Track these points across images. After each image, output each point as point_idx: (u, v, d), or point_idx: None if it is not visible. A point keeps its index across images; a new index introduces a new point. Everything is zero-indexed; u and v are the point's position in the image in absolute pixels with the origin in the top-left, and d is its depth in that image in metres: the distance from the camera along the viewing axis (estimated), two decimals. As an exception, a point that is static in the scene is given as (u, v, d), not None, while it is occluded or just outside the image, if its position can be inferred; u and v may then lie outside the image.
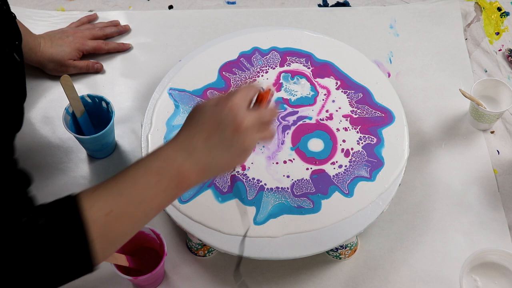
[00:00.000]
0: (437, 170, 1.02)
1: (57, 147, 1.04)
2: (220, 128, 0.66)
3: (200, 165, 0.66)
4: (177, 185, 0.65)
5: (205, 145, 0.66)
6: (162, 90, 0.99)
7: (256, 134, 0.68)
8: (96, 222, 0.60)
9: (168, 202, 0.66)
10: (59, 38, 1.09)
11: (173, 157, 0.65)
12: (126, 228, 0.64)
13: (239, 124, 0.66)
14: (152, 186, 0.64)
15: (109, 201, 0.62)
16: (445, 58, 1.15)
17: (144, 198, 0.63)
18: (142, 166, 0.65)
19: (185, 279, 0.92)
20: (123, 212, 0.62)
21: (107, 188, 0.63)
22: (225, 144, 0.66)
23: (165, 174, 0.64)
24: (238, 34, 1.06)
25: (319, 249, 0.86)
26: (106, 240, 0.61)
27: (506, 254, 0.88)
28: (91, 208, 0.60)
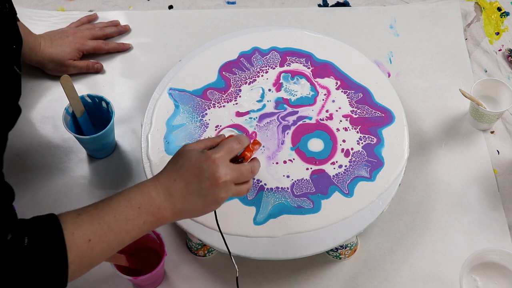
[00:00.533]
0: (437, 170, 1.02)
1: (57, 147, 1.04)
2: (199, 179, 0.71)
3: (175, 208, 0.72)
4: (154, 221, 0.71)
5: (183, 192, 0.72)
6: (162, 90, 0.99)
7: (232, 188, 0.74)
8: (76, 247, 0.65)
9: (143, 233, 0.71)
10: (59, 38, 1.09)
11: (153, 196, 0.71)
12: (101, 254, 0.68)
13: (217, 179, 0.71)
14: (133, 219, 0.69)
15: (91, 228, 0.66)
16: (445, 58, 1.15)
17: (123, 229, 0.69)
18: (126, 198, 0.70)
19: (185, 279, 0.92)
20: (102, 240, 0.67)
21: (90, 215, 0.67)
22: (201, 194, 0.72)
23: (145, 210, 0.70)
24: (238, 34, 1.06)
25: (319, 249, 0.86)
26: (81, 264, 0.66)
27: (506, 254, 0.88)
28: (73, 233, 0.65)
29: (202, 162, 0.72)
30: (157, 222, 0.72)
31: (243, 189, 0.76)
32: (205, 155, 0.72)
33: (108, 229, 0.67)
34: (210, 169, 0.71)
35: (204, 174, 0.71)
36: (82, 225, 0.66)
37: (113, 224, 0.68)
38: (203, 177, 0.71)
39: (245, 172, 0.75)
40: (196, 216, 0.75)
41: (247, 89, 0.99)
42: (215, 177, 0.71)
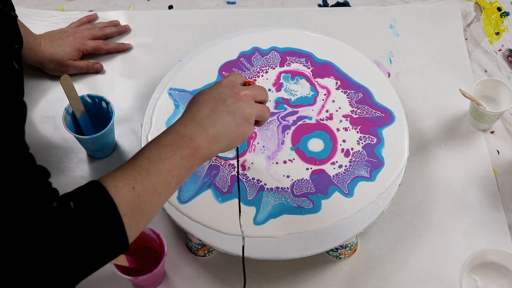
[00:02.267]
0: (437, 170, 1.02)
1: (57, 147, 1.04)
2: (221, 100, 0.72)
3: (209, 133, 0.70)
4: (191, 154, 0.68)
5: (211, 115, 0.71)
6: (162, 90, 0.99)
7: (255, 104, 0.74)
8: (123, 198, 0.62)
9: (186, 172, 0.68)
10: (59, 38, 1.09)
11: (181, 130, 0.69)
12: (151, 201, 0.65)
13: (238, 93, 0.73)
14: (168, 157, 0.66)
15: (130, 179, 0.64)
16: (445, 58, 1.15)
17: (163, 169, 0.66)
18: (155, 143, 0.68)
19: (185, 279, 0.92)
20: (145, 186, 0.64)
21: (125, 169, 0.65)
22: (229, 111, 0.72)
23: (178, 144, 0.68)
24: (238, 34, 1.06)
25: (319, 249, 0.86)
26: (134, 215, 0.63)
27: (506, 254, 0.88)
28: (116, 186, 0.62)
29: (218, 86, 0.74)
30: (195, 155, 0.68)
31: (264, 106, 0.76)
32: (216, 85, 0.75)
33: (147, 173, 0.65)
34: (227, 89, 0.73)
35: (225, 93, 0.73)
36: (122, 177, 0.64)
37: (151, 168, 0.65)
38: (224, 96, 0.72)
39: (258, 90, 0.76)
40: (234, 141, 0.73)
41: (247, 89, 0.99)
42: (235, 92, 0.73)
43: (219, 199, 0.89)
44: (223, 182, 0.90)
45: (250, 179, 0.91)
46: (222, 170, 0.91)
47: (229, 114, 0.71)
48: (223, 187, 0.90)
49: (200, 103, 0.72)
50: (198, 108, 0.72)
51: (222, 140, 0.71)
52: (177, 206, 0.88)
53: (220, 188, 0.90)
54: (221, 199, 0.89)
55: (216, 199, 0.89)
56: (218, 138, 0.71)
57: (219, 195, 0.89)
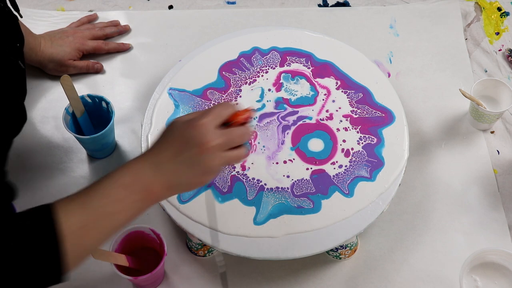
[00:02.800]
0: (437, 170, 1.02)
1: (57, 147, 1.04)
2: (187, 147, 0.67)
3: (166, 181, 0.68)
4: (145, 199, 0.68)
5: (172, 162, 0.68)
6: (162, 90, 0.99)
7: (223, 155, 0.69)
8: (71, 235, 0.62)
9: (136, 214, 0.68)
10: (59, 38, 1.09)
11: (141, 172, 0.67)
12: (96, 239, 0.66)
13: (205, 144, 0.67)
14: (122, 199, 0.66)
15: (83, 214, 0.64)
16: (445, 58, 1.15)
17: (114, 211, 0.66)
18: (113, 180, 0.67)
19: (185, 279, 0.92)
20: (95, 225, 0.65)
21: (80, 202, 0.65)
22: (191, 163, 0.68)
23: (133, 188, 0.67)
24: (238, 34, 1.06)
25: (319, 249, 0.86)
26: (77, 251, 0.64)
27: (506, 254, 0.88)
28: (67, 221, 0.63)
29: (189, 129, 0.68)
30: (149, 199, 0.68)
31: (234, 155, 0.70)
32: (191, 122, 0.68)
33: (100, 213, 0.65)
34: (197, 135, 0.67)
35: (191, 140, 0.67)
36: (75, 212, 0.64)
37: (104, 207, 0.65)
38: (190, 144, 0.67)
39: (235, 137, 0.69)
40: (191, 189, 0.72)
41: (247, 89, 0.99)
42: (202, 142, 0.67)
43: (219, 199, 0.89)
44: (223, 182, 0.90)
45: (250, 179, 0.90)
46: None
47: (190, 166, 0.68)
48: (223, 187, 0.90)
49: (168, 144, 0.69)
50: (163, 149, 0.69)
51: (178, 189, 0.70)
52: (177, 206, 0.88)
53: (220, 188, 0.90)
54: (221, 199, 0.89)
55: (216, 199, 0.89)
56: (173, 187, 0.69)
57: (219, 195, 0.89)
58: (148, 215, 0.97)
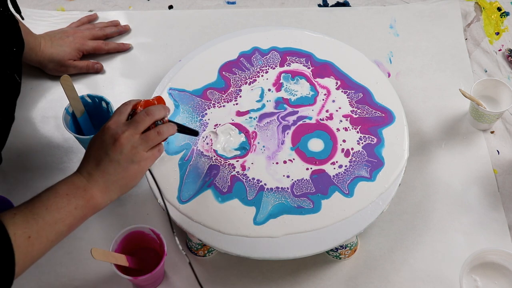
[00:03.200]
0: (437, 170, 1.02)
1: (57, 147, 1.04)
2: (104, 149, 0.74)
3: (100, 185, 0.73)
4: (86, 204, 0.72)
5: (98, 167, 0.73)
6: (162, 90, 0.99)
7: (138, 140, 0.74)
8: (19, 247, 0.66)
9: (79, 221, 0.73)
10: (59, 38, 1.09)
11: (76, 181, 0.73)
12: (41, 249, 0.69)
13: (117, 138, 0.73)
14: (64, 206, 0.70)
15: (28, 227, 0.67)
16: (445, 58, 1.15)
17: (58, 218, 0.70)
18: (52, 191, 0.72)
19: (185, 279, 0.92)
20: (40, 235, 0.68)
21: (24, 213, 0.68)
22: (113, 160, 0.73)
23: (73, 194, 0.72)
24: (238, 34, 1.06)
25: (319, 249, 0.86)
26: (24, 263, 0.67)
27: (506, 254, 0.88)
28: (15, 234, 0.66)
29: (100, 134, 0.75)
30: (89, 204, 0.72)
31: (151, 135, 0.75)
32: (101, 129, 0.76)
33: (43, 222, 0.68)
34: (108, 134, 0.74)
35: (105, 141, 0.74)
36: (20, 224, 0.67)
37: (47, 216, 0.69)
38: (106, 145, 0.73)
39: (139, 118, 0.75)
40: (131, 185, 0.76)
41: (247, 89, 0.99)
42: (114, 138, 0.73)
43: (219, 199, 0.89)
44: (223, 182, 0.90)
45: (250, 179, 0.90)
46: (222, 170, 0.91)
47: (113, 162, 0.73)
48: (223, 187, 0.90)
49: (88, 155, 0.75)
50: (88, 160, 0.74)
51: (114, 188, 0.74)
52: (177, 206, 0.88)
53: (220, 188, 0.90)
54: (221, 199, 0.89)
55: (216, 199, 0.89)
56: (109, 187, 0.74)
57: (219, 195, 0.89)
58: (148, 215, 0.97)
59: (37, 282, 0.91)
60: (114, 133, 0.74)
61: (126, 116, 0.76)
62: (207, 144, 0.94)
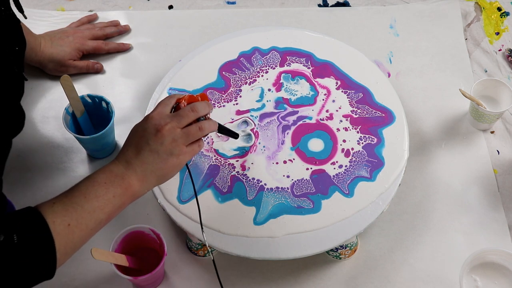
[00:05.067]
0: (437, 170, 1.02)
1: (57, 147, 1.04)
2: (145, 139, 0.75)
3: (138, 173, 0.74)
4: (123, 192, 0.73)
5: (137, 155, 0.74)
6: (162, 90, 0.99)
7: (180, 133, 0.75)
8: (59, 235, 0.66)
9: (118, 209, 0.73)
10: (59, 38, 1.09)
11: (114, 170, 0.74)
12: (82, 236, 0.70)
13: (159, 129, 0.74)
14: (102, 195, 0.71)
15: (67, 215, 0.68)
16: (445, 58, 1.15)
17: (96, 206, 0.70)
18: (90, 180, 0.72)
19: (185, 279, 0.92)
20: (79, 222, 0.69)
21: (63, 203, 0.69)
22: (152, 150, 0.74)
23: (111, 183, 0.72)
24: (238, 34, 1.06)
25: (319, 249, 0.86)
26: (66, 250, 0.68)
27: (506, 254, 0.88)
28: (54, 222, 0.67)
29: (143, 123, 0.76)
30: (127, 193, 0.73)
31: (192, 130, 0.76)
32: (144, 118, 0.77)
33: (82, 210, 0.69)
34: (150, 124, 0.75)
35: (147, 130, 0.75)
36: (59, 212, 0.68)
37: (86, 204, 0.70)
38: (147, 134, 0.74)
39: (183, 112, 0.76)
40: (167, 176, 0.76)
41: (247, 89, 0.99)
42: (157, 128, 0.74)
43: (219, 199, 0.89)
44: (223, 182, 0.90)
45: (250, 179, 0.90)
46: (222, 170, 0.91)
47: (152, 152, 0.74)
48: (223, 187, 0.90)
49: (129, 143, 0.76)
50: (128, 148, 0.75)
51: (151, 178, 0.75)
52: (177, 206, 0.88)
53: (220, 188, 0.90)
54: (221, 199, 0.89)
55: (216, 199, 0.89)
56: (146, 176, 0.74)
57: (219, 195, 0.89)
58: (148, 215, 0.97)
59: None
60: (157, 124, 0.75)
61: (170, 109, 0.77)
62: (207, 144, 0.94)
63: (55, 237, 0.66)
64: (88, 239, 0.71)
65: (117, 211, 0.73)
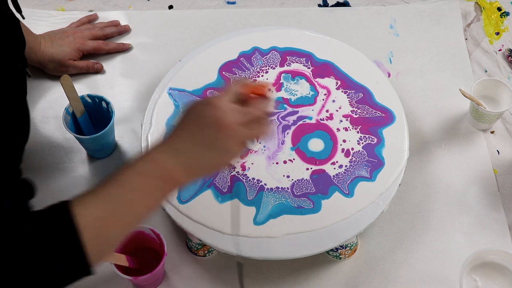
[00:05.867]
0: (437, 170, 1.02)
1: (57, 147, 1.04)
2: (204, 127, 0.65)
3: (185, 164, 0.65)
4: (164, 185, 0.65)
5: (190, 144, 0.65)
6: (162, 90, 0.99)
7: (242, 132, 0.66)
8: (88, 226, 0.60)
9: (157, 202, 0.66)
10: (59, 38, 1.09)
11: (158, 158, 0.65)
12: (117, 230, 0.64)
13: (221, 123, 0.65)
14: (141, 188, 0.64)
15: (99, 205, 0.62)
16: (445, 58, 1.15)
17: (133, 200, 0.64)
18: (130, 169, 0.65)
19: (185, 279, 0.92)
20: (113, 215, 0.62)
21: (96, 193, 0.63)
22: (208, 144, 0.65)
23: (152, 174, 0.64)
24: (238, 34, 1.06)
25: (319, 249, 0.86)
26: (99, 243, 0.62)
27: (506, 254, 0.88)
28: (83, 213, 0.60)
29: (203, 109, 0.66)
30: (169, 186, 0.66)
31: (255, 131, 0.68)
32: (204, 101, 0.66)
33: (118, 203, 0.63)
34: (213, 114, 0.65)
35: (207, 120, 0.65)
36: (91, 203, 0.62)
37: (123, 197, 0.63)
38: (206, 125, 0.65)
39: (254, 110, 0.67)
40: (211, 172, 0.70)
41: (247, 89, 0.99)
42: (218, 122, 0.65)
43: (219, 199, 0.89)
44: (223, 182, 0.90)
45: (250, 179, 0.90)
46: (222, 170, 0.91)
47: (208, 147, 0.66)
48: (223, 187, 0.90)
49: (183, 126, 0.67)
50: (179, 134, 0.67)
51: (197, 173, 0.68)
52: (177, 206, 0.88)
53: (220, 188, 0.90)
54: (221, 199, 0.89)
55: (216, 199, 0.89)
56: (193, 170, 0.67)
57: (219, 195, 0.89)
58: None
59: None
60: (220, 116, 0.65)
61: (238, 99, 0.68)
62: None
63: (83, 229, 0.59)
64: (126, 233, 0.65)
65: (157, 204, 0.66)
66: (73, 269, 0.61)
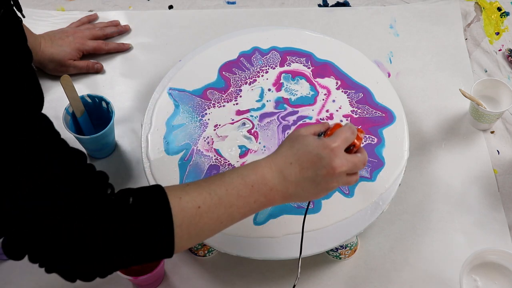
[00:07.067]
0: (437, 170, 1.02)
1: (57, 147, 1.04)
2: (316, 166, 0.70)
3: (287, 192, 0.71)
4: (265, 202, 0.71)
5: (297, 176, 0.71)
6: (162, 90, 0.99)
7: (344, 179, 0.73)
8: (183, 211, 0.65)
9: (251, 213, 0.71)
10: (59, 38, 1.09)
11: (268, 177, 0.71)
12: (210, 225, 0.68)
13: (334, 168, 0.70)
14: (244, 196, 0.69)
15: (200, 197, 0.67)
16: (445, 58, 1.15)
17: (234, 204, 0.69)
18: (239, 175, 0.70)
19: (185, 279, 0.92)
20: (211, 210, 0.67)
21: (200, 186, 0.68)
22: (315, 181, 0.71)
23: (257, 189, 0.70)
24: (238, 34, 1.06)
25: (319, 249, 0.86)
26: (188, 231, 0.65)
27: (506, 254, 0.88)
28: (181, 198, 0.65)
29: (320, 149, 0.71)
30: (267, 203, 0.71)
31: (353, 179, 0.74)
32: (323, 142, 0.71)
33: (219, 201, 0.67)
34: (328, 158, 0.70)
35: (322, 162, 0.70)
36: (190, 192, 0.66)
37: (224, 197, 0.68)
38: (320, 165, 0.70)
39: (358, 163, 0.73)
40: (302, 202, 0.76)
41: (247, 89, 0.99)
42: (332, 167, 0.70)
43: (219, 199, 0.89)
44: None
45: (250, 179, 0.90)
46: (222, 170, 0.91)
47: (313, 183, 0.71)
48: (223, 187, 0.90)
49: (297, 157, 0.71)
50: (291, 162, 0.71)
51: (294, 200, 0.73)
52: (177, 206, 0.88)
53: (220, 188, 0.90)
54: (221, 199, 0.89)
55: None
56: (292, 197, 0.72)
57: (219, 195, 0.89)
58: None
59: (37, 282, 0.91)
60: (333, 161, 0.70)
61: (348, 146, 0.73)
62: (207, 144, 0.94)
63: (178, 212, 0.64)
64: (217, 231, 0.69)
65: (249, 215, 0.71)
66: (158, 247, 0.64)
